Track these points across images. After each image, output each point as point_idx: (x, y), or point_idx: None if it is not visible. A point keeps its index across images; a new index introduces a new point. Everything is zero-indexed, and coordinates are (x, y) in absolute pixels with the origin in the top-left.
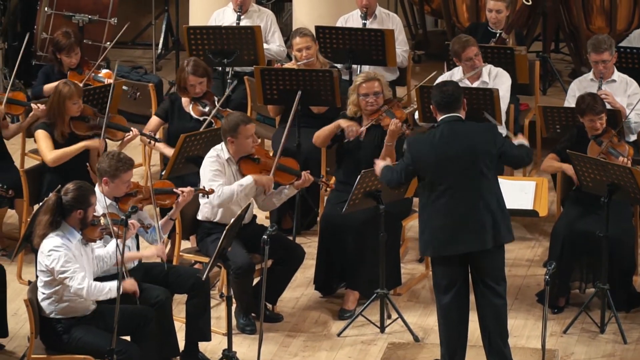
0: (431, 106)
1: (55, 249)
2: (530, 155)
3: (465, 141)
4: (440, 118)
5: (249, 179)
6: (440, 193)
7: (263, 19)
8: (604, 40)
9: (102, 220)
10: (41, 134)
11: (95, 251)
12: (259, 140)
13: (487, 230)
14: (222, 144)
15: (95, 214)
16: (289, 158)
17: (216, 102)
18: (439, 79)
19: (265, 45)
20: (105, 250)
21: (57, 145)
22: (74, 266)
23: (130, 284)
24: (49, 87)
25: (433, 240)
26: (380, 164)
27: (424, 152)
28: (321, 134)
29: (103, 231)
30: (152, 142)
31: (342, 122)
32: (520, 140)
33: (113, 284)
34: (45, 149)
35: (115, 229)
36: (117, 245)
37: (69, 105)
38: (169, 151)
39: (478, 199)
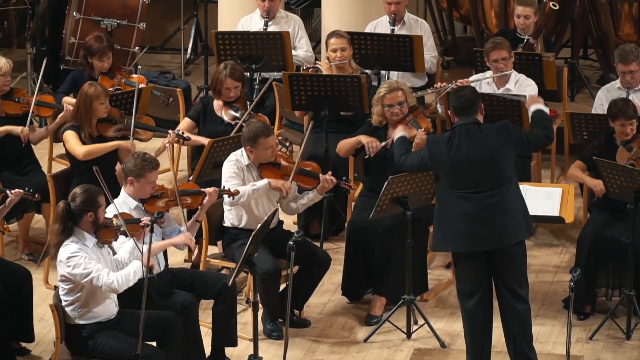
0: (449, 111)
1: (73, 255)
2: (548, 132)
3: (482, 145)
4: (457, 122)
5: (264, 182)
6: (461, 195)
7: (291, 24)
8: (631, 50)
9: (115, 221)
10: (70, 134)
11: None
12: (286, 148)
13: (508, 229)
14: (242, 149)
15: (107, 216)
16: (311, 162)
17: (248, 107)
18: (470, 78)
19: (293, 52)
20: (120, 254)
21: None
22: (95, 266)
23: (185, 237)
24: (68, 100)
25: (455, 240)
26: (398, 133)
27: (442, 154)
28: (343, 147)
29: (117, 232)
30: (183, 140)
31: (363, 139)
32: (535, 105)
33: (134, 263)
34: (75, 145)
35: (129, 228)
36: (136, 244)
37: (96, 105)
38: (202, 140)
39: (499, 201)
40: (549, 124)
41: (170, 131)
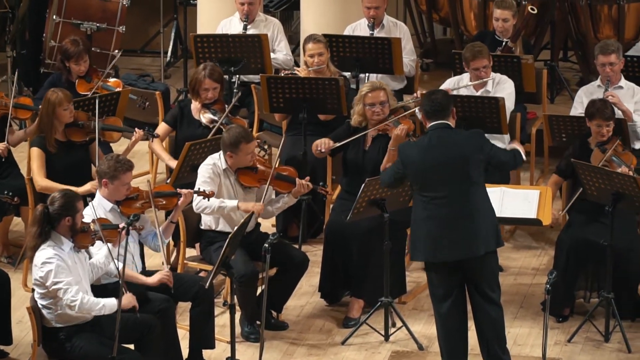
0: (420, 115)
1: (47, 261)
2: (518, 159)
3: (454, 148)
4: (428, 125)
5: (232, 203)
6: (430, 199)
7: (270, 28)
8: (612, 42)
9: (92, 226)
10: (35, 152)
11: (92, 258)
12: (265, 151)
13: (477, 238)
14: (220, 153)
15: (84, 220)
16: (288, 167)
17: (226, 110)
18: (446, 83)
19: (272, 55)
20: (96, 259)
21: (51, 156)
22: (67, 278)
23: (128, 300)
24: None
25: (424, 247)
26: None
27: (413, 158)
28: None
29: (94, 237)
30: (151, 138)
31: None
32: (513, 145)
33: (108, 301)
34: (37, 170)
35: (105, 233)
36: (110, 250)
37: (59, 111)
38: (164, 155)
39: (467, 206)
40: (519, 160)
41: (136, 130)
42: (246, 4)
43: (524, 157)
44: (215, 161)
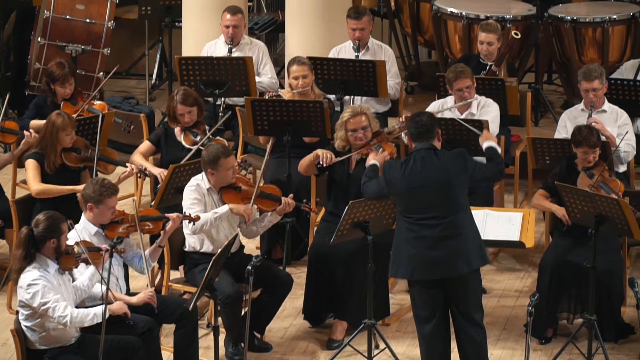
0: (406, 137)
1: (33, 283)
2: (500, 168)
3: (437, 170)
4: (413, 147)
5: (224, 208)
6: (414, 221)
7: (255, 51)
8: (595, 68)
9: (76, 248)
10: (31, 164)
11: (75, 281)
12: (245, 170)
13: (460, 257)
14: (203, 174)
15: (68, 242)
16: (271, 185)
17: (207, 132)
18: (430, 106)
19: (257, 78)
20: (80, 281)
21: (46, 176)
22: (54, 296)
23: (118, 306)
24: (35, 123)
25: (407, 266)
26: (371, 160)
27: (397, 179)
28: (303, 163)
29: (78, 259)
30: (143, 175)
31: (318, 151)
32: (487, 142)
33: (98, 309)
34: (32, 178)
35: (90, 256)
36: (95, 272)
37: (62, 136)
38: (157, 170)
39: (451, 227)
40: (500, 160)
41: (128, 165)
42: (231, 27)
43: (499, 149)
44: (198, 182)
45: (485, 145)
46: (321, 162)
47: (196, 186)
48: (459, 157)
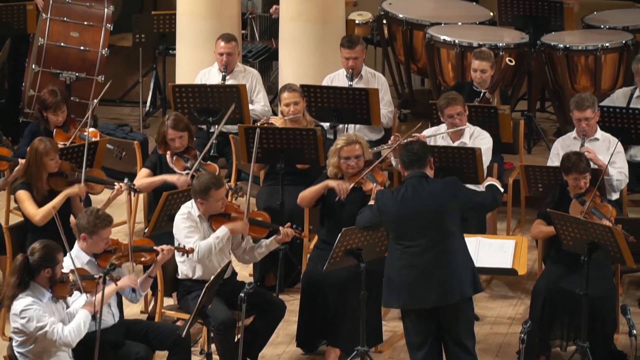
0: (399, 165)
1: (27, 309)
2: (496, 198)
3: (429, 198)
4: (405, 175)
5: (224, 230)
6: (406, 248)
7: (248, 78)
8: (587, 97)
9: (71, 277)
10: (23, 195)
11: (70, 307)
12: (237, 194)
13: (452, 285)
14: (192, 201)
15: (63, 270)
16: (260, 212)
17: (198, 157)
18: (424, 132)
19: (250, 106)
20: (75, 307)
21: (36, 204)
22: (49, 319)
23: (130, 280)
24: None
25: (399, 294)
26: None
27: (389, 206)
28: (307, 195)
29: (72, 287)
30: (133, 192)
31: (331, 183)
32: (489, 181)
33: (81, 314)
34: (30, 209)
35: (83, 284)
36: (88, 299)
37: (46, 161)
38: (152, 180)
39: (443, 255)
40: (497, 195)
41: (116, 183)
42: (225, 55)
43: (501, 189)
44: (189, 210)
45: (486, 183)
46: (340, 197)
47: (187, 214)
48: (450, 184)
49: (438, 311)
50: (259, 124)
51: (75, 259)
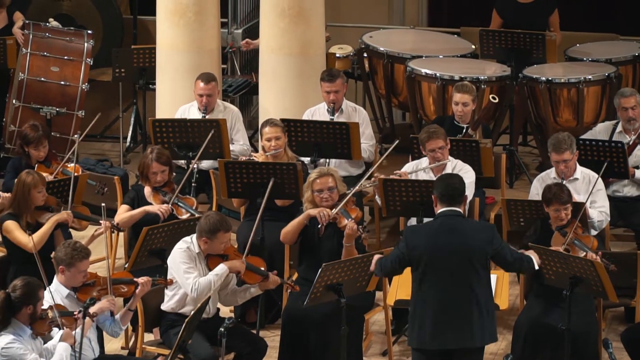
0: (433, 196)
1: (8, 346)
2: (525, 265)
3: (462, 238)
4: (439, 210)
5: (223, 268)
6: (431, 285)
7: (228, 117)
8: (564, 139)
9: (50, 313)
10: (11, 225)
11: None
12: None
13: (474, 329)
14: (193, 236)
15: (43, 307)
16: (257, 257)
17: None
18: (405, 167)
19: (230, 146)
20: (52, 343)
21: None
22: (31, 356)
23: (108, 303)
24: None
25: (420, 332)
26: (375, 258)
27: (420, 241)
28: (290, 230)
29: (52, 324)
30: (116, 231)
31: (312, 211)
32: (530, 253)
33: (60, 347)
34: (22, 237)
35: (63, 321)
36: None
37: (34, 194)
38: (132, 213)
39: (468, 296)
40: (527, 266)
41: (101, 221)
42: (205, 96)
43: (536, 266)
44: (188, 245)
45: (527, 253)
46: (321, 223)
47: (187, 249)
48: (486, 229)
49: (453, 353)
50: (240, 159)
51: (54, 292)
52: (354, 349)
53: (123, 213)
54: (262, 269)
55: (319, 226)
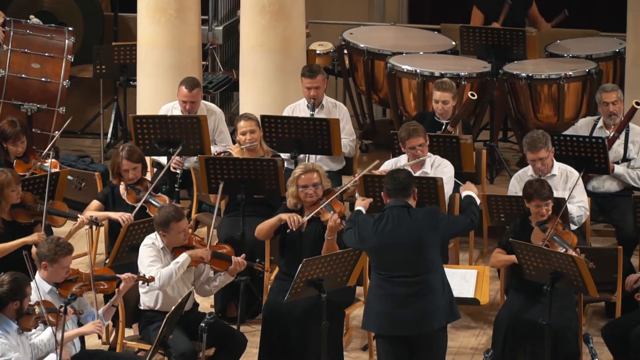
0: (382, 193)
1: None
2: (471, 218)
3: (409, 230)
4: (387, 203)
5: (184, 256)
6: (385, 277)
7: (211, 119)
8: (539, 138)
9: (37, 309)
10: None
11: (31, 339)
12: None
13: (430, 314)
14: (157, 232)
15: (30, 302)
16: (224, 245)
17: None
18: (384, 165)
19: (212, 148)
20: (40, 338)
21: None
22: (14, 354)
23: (95, 326)
24: None
25: (378, 320)
26: (358, 206)
27: (369, 235)
28: (263, 228)
29: (38, 320)
30: (95, 225)
31: (283, 216)
32: (467, 191)
33: (51, 356)
34: None
35: (49, 317)
36: (54, 332)
37: (7, 192)
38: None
39: (423, 286)
40: (475, 210)
41: (79, 216)
42: (188, 103)
43: (478, 200)
44: (153, 240)
45: (463, 193)
46: (291, 228)
47: (151, 245)
48: (431, 214)
49: (412, 338)
50: (215, 153)
51: (37, 288)
52: (334, 343)
53: (92, 210)
54: (230, 255)
55: (287, 231)
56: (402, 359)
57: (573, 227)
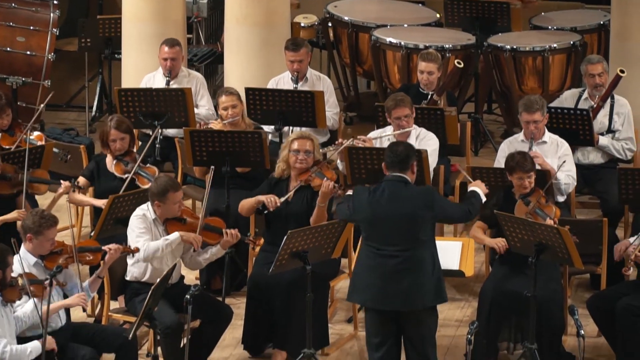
0: (383, 164)
1: None
2: (470, 212)
3: (403, 205)
4: (386, 176)
5: (175, 235)
6: (375, 249)
7: (193, 83)
8: (536, 100)
9: (20, 281)
10: None
11: (16, 311)
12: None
13: (418, 292)
14: (149, 203)
15: (12, 274)
16: (216, 217)
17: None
18: (370, 134)
19: (195, 110)
20: (23, 311)
21: None
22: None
23: (48, 342)
24: None
25: (364, 293)
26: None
27: (363, 206)
28: (244, 206)
29: (22, 291)
30: (77, 189)
31: (261, 197)
32: (474, 188)
33: (33, 345)
34: None
35: (32, 288)
36: (36, 304)
37: None
38: (95, 202)
39: (412, 261)
40: (475, 203)
41: (62, 182)
42: (169, 60)
43: (483, 198)
44: (144, 212)
45: (470, 188)
46: (268, 208)
47: (142, 216)
48: (427, 193)
49: (400, 316)
50: (198, 127)
51: (22, 260)
52: (319, 315)
53: (80, 185)
54: (221, 228)
55: (266, 212)
56: (389, 336)
57: (560, 197)
